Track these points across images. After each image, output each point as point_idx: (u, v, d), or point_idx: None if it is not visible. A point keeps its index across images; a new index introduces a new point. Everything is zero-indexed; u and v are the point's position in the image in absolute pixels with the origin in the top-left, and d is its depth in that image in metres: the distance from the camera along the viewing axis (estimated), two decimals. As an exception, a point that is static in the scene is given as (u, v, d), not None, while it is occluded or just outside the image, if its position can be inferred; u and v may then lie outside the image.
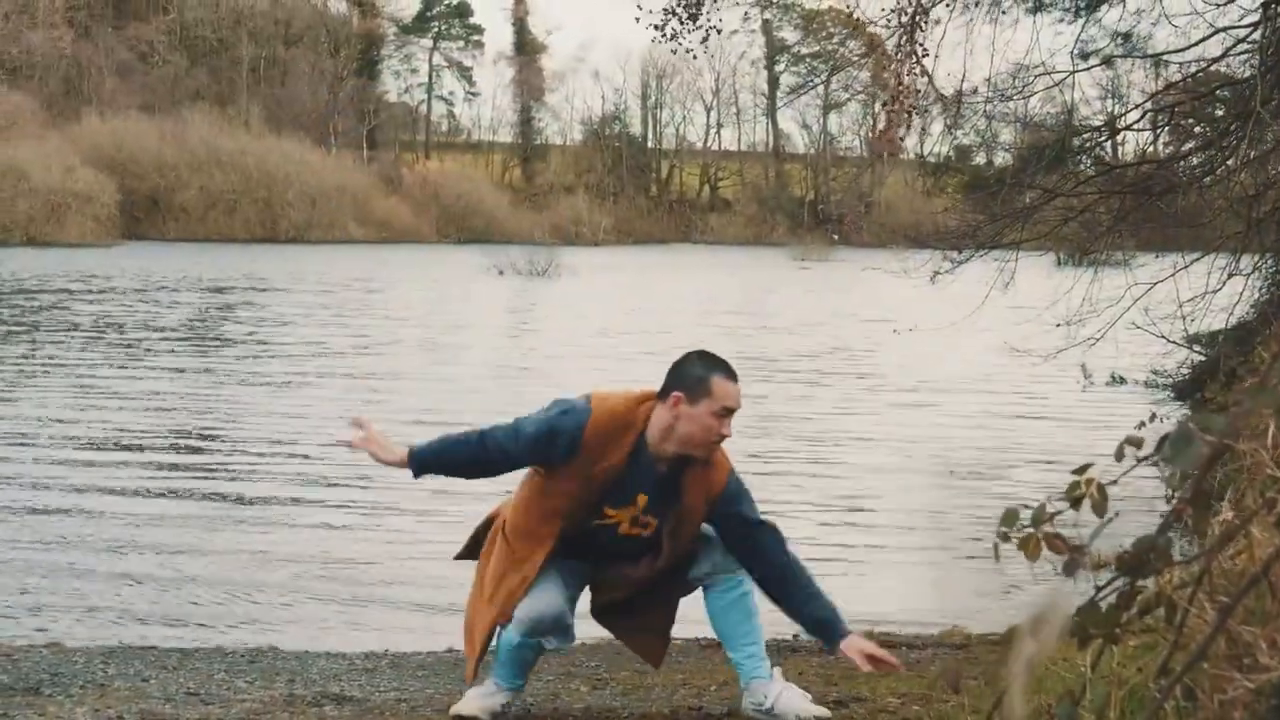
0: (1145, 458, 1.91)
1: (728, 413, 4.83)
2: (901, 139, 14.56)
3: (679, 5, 14.10)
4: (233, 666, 6.29)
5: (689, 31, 14.26)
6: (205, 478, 11.96)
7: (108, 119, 76.16)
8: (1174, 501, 2.05)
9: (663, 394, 4.86)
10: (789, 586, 4.99)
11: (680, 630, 7.38)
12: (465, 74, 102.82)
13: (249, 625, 7.64)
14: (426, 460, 4.97)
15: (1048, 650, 1.43)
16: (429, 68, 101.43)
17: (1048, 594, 1.55)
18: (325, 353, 22.54)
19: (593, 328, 29.41)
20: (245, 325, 27.64)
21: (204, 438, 14.08)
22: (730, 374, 4.91)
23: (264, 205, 76.79)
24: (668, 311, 32.75)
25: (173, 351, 22.41)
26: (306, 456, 13.05)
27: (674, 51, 14.75)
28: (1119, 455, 1.94)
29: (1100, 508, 1.97)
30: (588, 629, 5.49)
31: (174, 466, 12.50)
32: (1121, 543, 2.02)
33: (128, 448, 13.32)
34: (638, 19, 14.36)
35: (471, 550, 5.29)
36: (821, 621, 4.97)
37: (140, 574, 8.63)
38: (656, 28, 14.12)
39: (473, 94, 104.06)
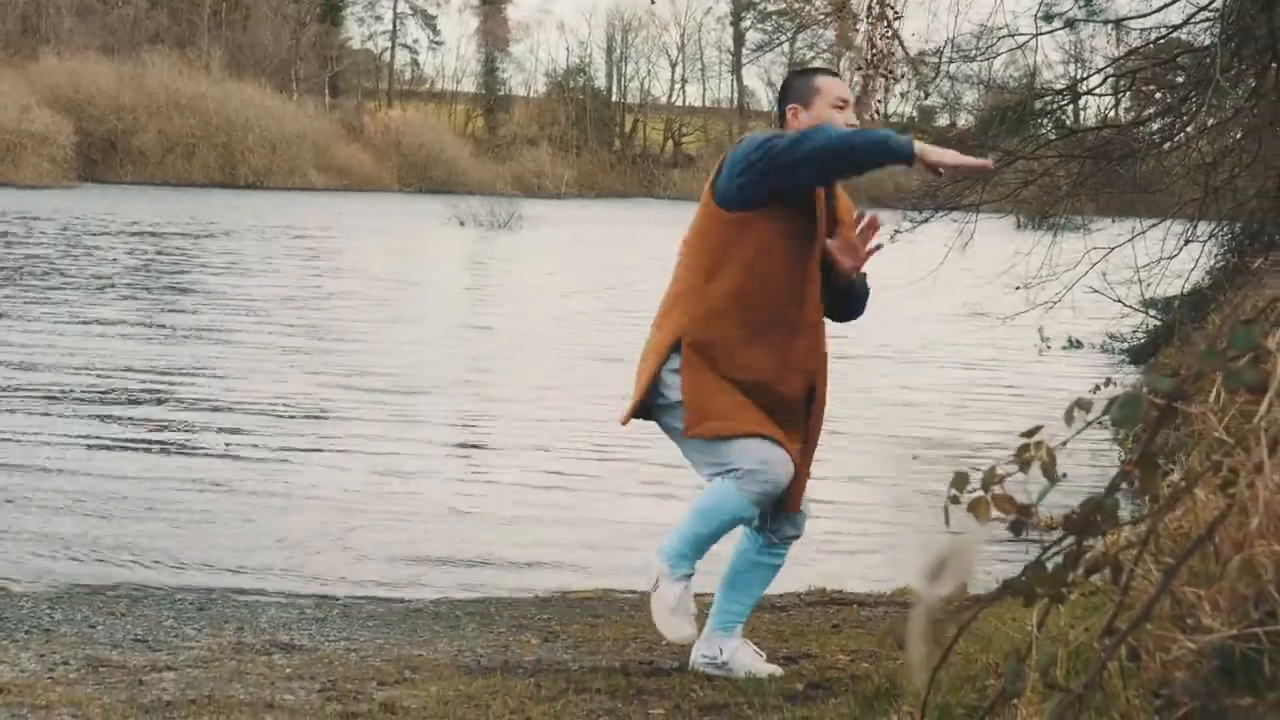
0: (1094, 420, 1.92)
1: (843, 102, 4.98)
2: (879, 102, 14.53)
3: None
4: (181, 613, 6.27)
5: None
6: (153, 427, 11.90)
7: (65, 59, 75.31)
8: (1123, 462, 2.05)
9: (781, 117, 5.05)
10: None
11: (632, 583, 7.41)
12: (430, 22, 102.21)
13: (199, 572, 7.61)
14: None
15: (948, 597, 1.44)
16: (393, 15, 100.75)
17: (949, 542, 1.55)
18: (272, 304, 22.33)
19: (551, 282, 29.36)
20: (192, 273, 27.44)
21: (151, 387, 13.99)
22: (831, 72, 5.17)
23: (223, 150, 76.22)
24: (628, 266, 32.69)
25: (111, 300, 22.26)
26: (254, 407, 13.00)
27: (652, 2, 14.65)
28: (1068, 418, 1.94)
29: (1049, 470, 1.98)
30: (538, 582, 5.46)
31: (122, 415, 12.43)
32: (1073, 504, 2.03)
33: (74, 395, 13.24)
34: None
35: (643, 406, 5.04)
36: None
37: (89, 520, 8.59)
38: None
39: (437, 43, 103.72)
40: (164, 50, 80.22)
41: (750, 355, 4.81)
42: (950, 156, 4.67)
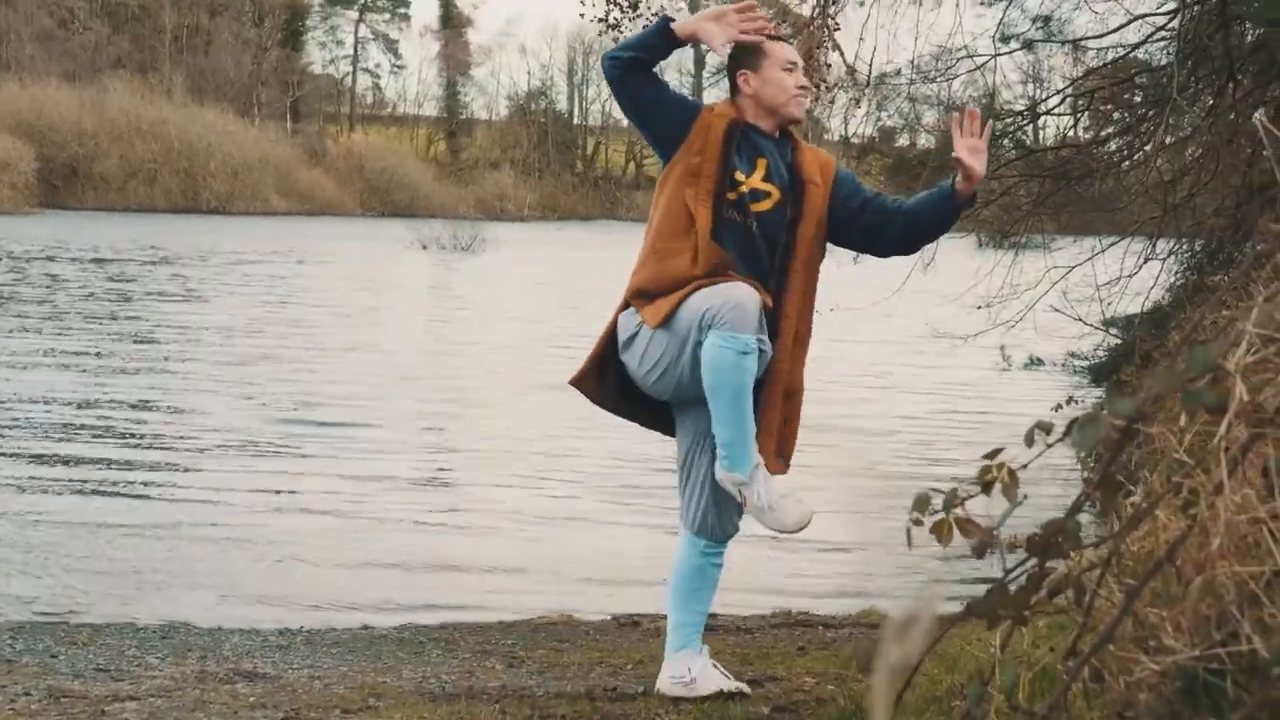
0: (1054, 442, 1.92)
1: (791, 65, 5.09)
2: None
3: (618, -6, 14.11)
4: (144, 642, 6.22)
5: (630, 20, 14.29)
6: (111, 459, 11.83)
7: (27, 86, 75.14)
8: (1085, 482, 2.06)
9: (734, 89, 5.16)
10: (915, 217, 5.15)
11: (596, 607, 7.38)
12: (391, 47, 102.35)
13: (161, 601, 7.56)
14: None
15: (914, 655, 1.43)
16: (354, 40, 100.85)
17: (916, 596, 1.55)
18: (228, 333, 22.18)
19: (514, 306, 29.33)
20: (146, 301, 27.27)
21: (106, 419, 13.91)
22: (778, 37, 5.29)
23: (185, 175, 76.14)
24: (590, 290, 32.67)
25: (60, 330, 22.15)
26: (213, 437, 12.94)
27: (615, 41, 14.69)
28: (1029, 440, 1.94)
29: (1011, 492, 1.98)
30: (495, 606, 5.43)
31: (77, 448, 12.35)
32: (1039, 523, 2.04)
33: (23, 427, 13.16)
34: (582, 14, 14.38)
35: (594, 369, 5.06)
36: (938, 199, 5.14)
37: (49, 549, 8.53)
38: (601, 19, 14.13)
39: (399, 67, 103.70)
40: (125, 76, 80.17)
41: (673, 270, 4.85)
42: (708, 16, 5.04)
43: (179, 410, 14.07)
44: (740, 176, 4.93)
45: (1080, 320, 15.27)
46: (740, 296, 4.65)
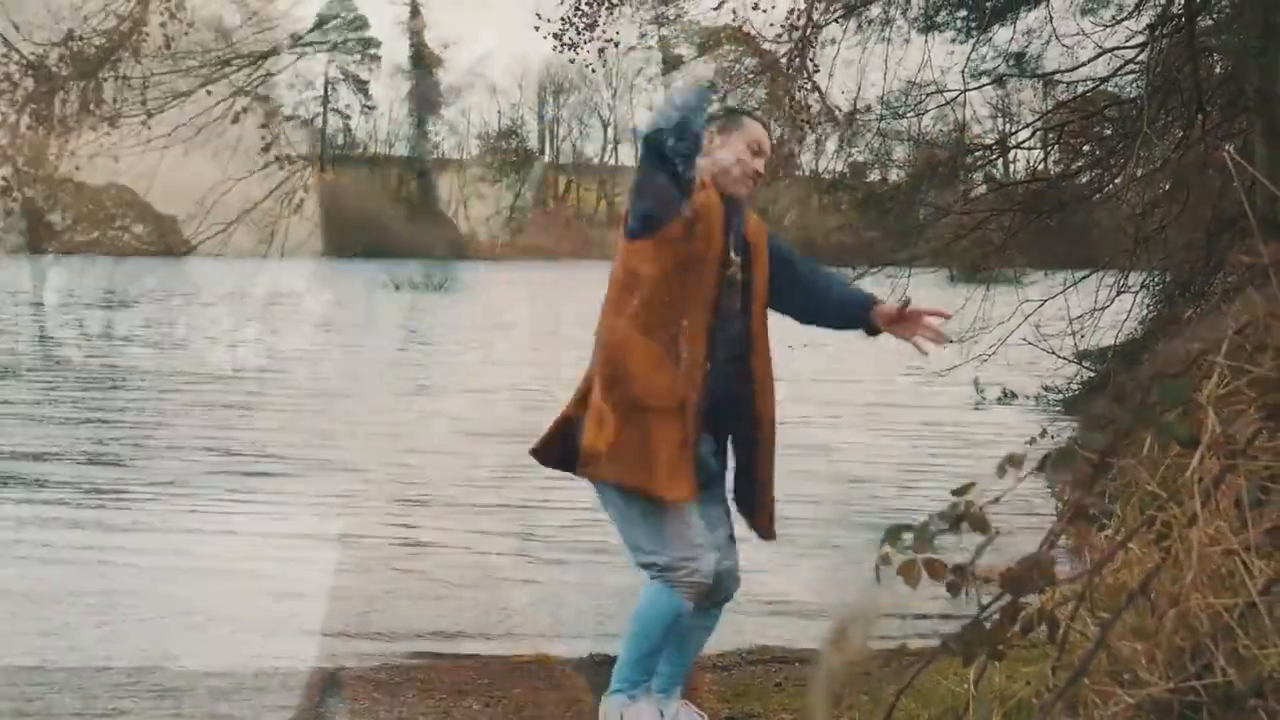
0: (1025, 475, 1.93)
1: (760, 149, 4.99)
2: (797, 155, 14.64)
3: (575, 15, 14.19)
4: (119, 686, 6.18)
5: (587, 41, 14.36)
6: (82, 504, 11.77)
7: (-4, 129, 75.00)
8: (1059, 515, 2.06)
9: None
10: (828, 315, 5.26)
11: (573, 646, 7.36)
12: (361, 87, 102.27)
13: (136, 644, 7.50)
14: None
15: (852, 661, 1.43)
16: (324, 81, 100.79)
17: (851, 604, 1.55)
18: (194, 378, 22.02)
19: (485, 349, 29.26)
20: (106, 347, 27.14)
21: (76, 455, 13.85)
22: (761, 120, 5.23)
23: (155, 218, 75.93)
24: (561, 328, 32.62)
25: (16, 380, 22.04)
26: (181, 478, 12.88)
27: (571, 61, 14.78)
28: (1001, 473, 1.95)
29: (981, 526, 1.98)
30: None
31: (45, 494, 12.28)
32: (1011, 556, 2.03)
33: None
34: (537, 28, 14.43)
35: (552, 441, 5.05)
36: (851, 300, 5.26)
37: (22, 591, 8.47)
38: (555, 36, 14.19)
39: (369, 107, 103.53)
40: (94, 120, 79.96)
41: (655, 385, 4.81)
42: None
43: (149, 454, 13.98)
44: (734, 257, 4.93)
45: (1053, 353, 15.30)
46: (705, 574, 4.74)
